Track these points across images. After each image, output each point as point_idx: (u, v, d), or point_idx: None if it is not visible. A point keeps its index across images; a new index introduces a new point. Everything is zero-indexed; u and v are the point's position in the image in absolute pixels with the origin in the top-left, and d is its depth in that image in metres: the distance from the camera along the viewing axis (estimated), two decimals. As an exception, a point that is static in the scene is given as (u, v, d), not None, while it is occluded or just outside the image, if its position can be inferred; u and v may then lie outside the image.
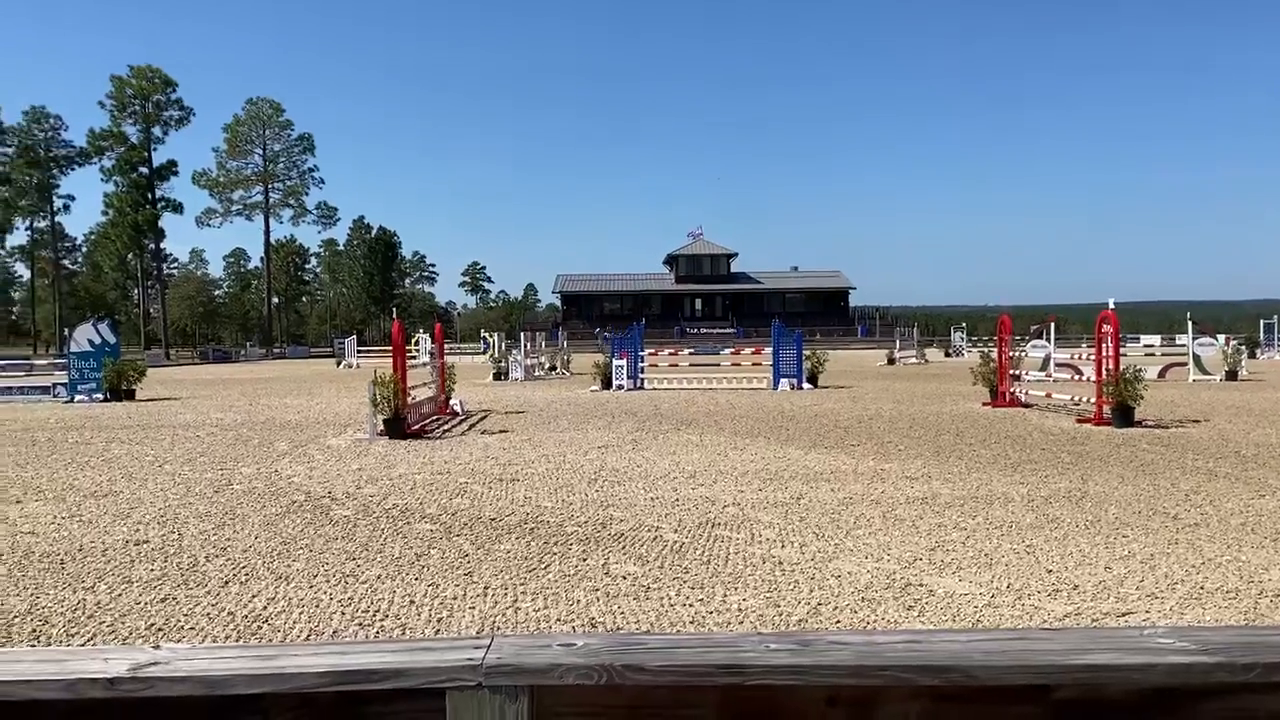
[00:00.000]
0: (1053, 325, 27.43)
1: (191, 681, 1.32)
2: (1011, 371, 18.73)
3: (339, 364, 49.08)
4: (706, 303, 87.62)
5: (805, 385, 24.32)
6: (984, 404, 18.54)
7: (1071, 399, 16.71)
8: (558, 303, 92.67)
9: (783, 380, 24.36)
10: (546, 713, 1.35)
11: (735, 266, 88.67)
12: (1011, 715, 1.38)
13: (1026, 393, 18.52)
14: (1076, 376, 20.64)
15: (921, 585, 5.75)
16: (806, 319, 73.67)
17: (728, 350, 32.64)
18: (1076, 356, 24.63)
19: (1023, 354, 21.41)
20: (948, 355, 50.87)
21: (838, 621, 5.07)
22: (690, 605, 5.39)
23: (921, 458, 11.28)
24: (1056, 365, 24.61)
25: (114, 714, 1.34)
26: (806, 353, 25.28)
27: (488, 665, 1.32)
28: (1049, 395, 17.84)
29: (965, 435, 13.56)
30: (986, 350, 23.46)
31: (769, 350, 25.68)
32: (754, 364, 27.24)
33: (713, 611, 5.27)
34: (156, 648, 1.40)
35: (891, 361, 41.01)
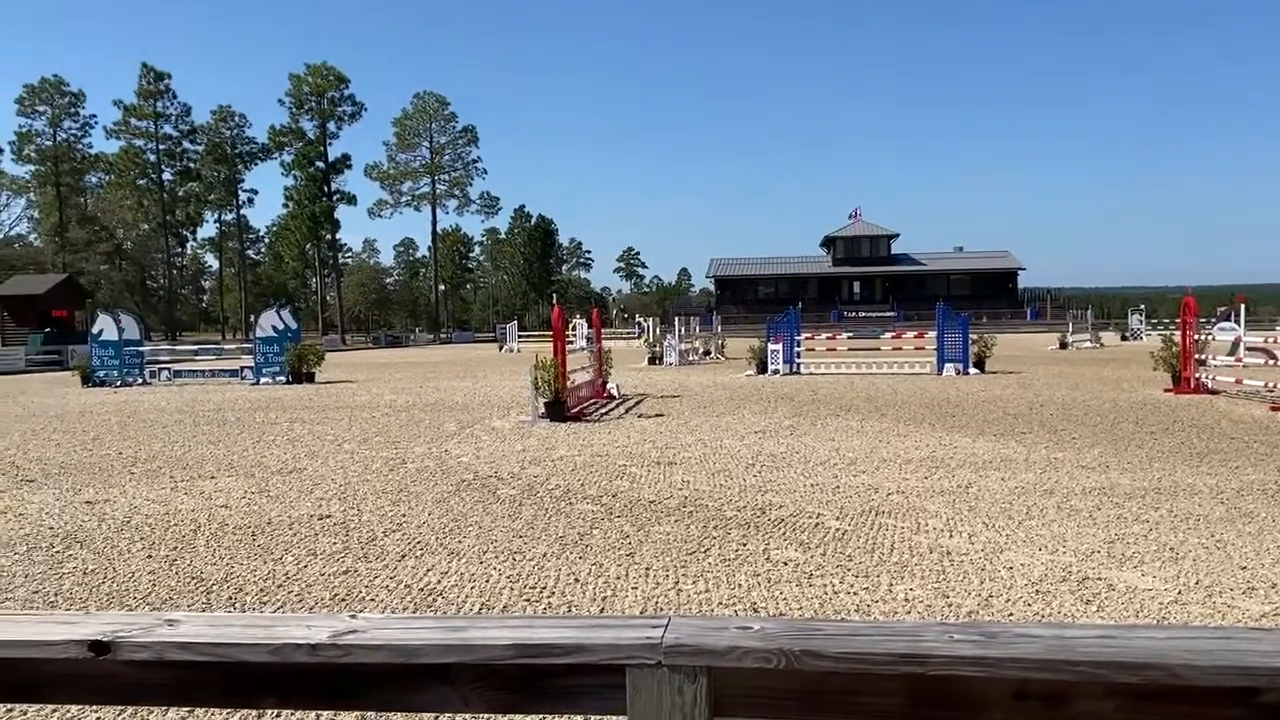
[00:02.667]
0: (1242, 306, 25.69)
1: (387, 650, 1.39)
2: (1196, 356, 17.63)
3: (501, 348, 50.54)
4: (865, 285, 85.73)
5: (971, 370, 23.55)
6: (1165, 390, 17.54)
7: (1265, 385, 15.60)
8: (711, 287, 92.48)
9: (947, 365, 23.66)
10: (723, 694, 1.36)
11: (896, 248, 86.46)
12: (1215, 718, 1.31)
13: (1213, 378, 17.40)
14: (1270, 361, 19.19)
15: (1100, 579, 5.49)
16: (972, 301, 71.09)
17: (888, 334, 31.91)
18: (1271, 340, 22.95)
19: (1209, 337, 20.06)
20: (1124, 339, 48.35)
21: (1010, 614, 4.91)
22: (855, 594, 5.31)
23: (1098, 446, 10.76)
24: (1247, 349, 22.97)
25: (315, 677, 1.43)
26: (973, 336, 24.45)
27: (666, 645, 1.33)
28: (1239, 381, 16.71)
29: (1146, 423, 12.85)
30: (1168, 333, 22.09)
31: (932, 334, 24.99)
32: (916, 348, 26.53)
33: (878, 600, 5.18)
34: (354, 616, 1.48)
35: (1063, 345, 39.19)
